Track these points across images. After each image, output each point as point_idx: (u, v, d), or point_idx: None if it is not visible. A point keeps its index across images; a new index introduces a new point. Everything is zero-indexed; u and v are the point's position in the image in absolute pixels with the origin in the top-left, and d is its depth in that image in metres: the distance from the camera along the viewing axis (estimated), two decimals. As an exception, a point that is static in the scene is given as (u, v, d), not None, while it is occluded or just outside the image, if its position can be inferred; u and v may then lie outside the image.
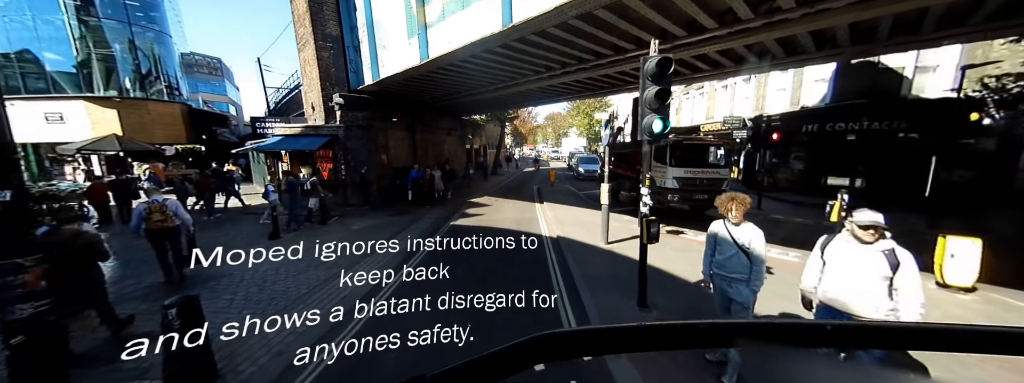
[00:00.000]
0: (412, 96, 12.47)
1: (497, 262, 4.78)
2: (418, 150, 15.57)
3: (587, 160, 21.67)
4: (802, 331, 0.44)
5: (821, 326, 0.44)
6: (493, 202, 12.60)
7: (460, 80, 10.33)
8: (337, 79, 11.07)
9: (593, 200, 12.90)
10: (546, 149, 67.26)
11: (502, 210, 10.93)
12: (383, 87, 10.61)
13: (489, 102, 15.02)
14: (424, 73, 9.27)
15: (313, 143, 10.43)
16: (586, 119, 42.27)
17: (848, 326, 0.46)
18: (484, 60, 8.23)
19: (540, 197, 13.37)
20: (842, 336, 0.44)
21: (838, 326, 0.44)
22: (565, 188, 16.26)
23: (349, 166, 11.12)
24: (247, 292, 4.47)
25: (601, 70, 9.02)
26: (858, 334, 0.45)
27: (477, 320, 1.92)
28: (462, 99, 13.09)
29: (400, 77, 9.47)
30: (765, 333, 0.44)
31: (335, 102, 10.51)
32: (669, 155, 9.29)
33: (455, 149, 21.23)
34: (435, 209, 10.96)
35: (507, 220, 9.28)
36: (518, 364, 0.43)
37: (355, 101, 10.91)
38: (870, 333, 0.46)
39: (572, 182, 19.35)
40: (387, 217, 9.72)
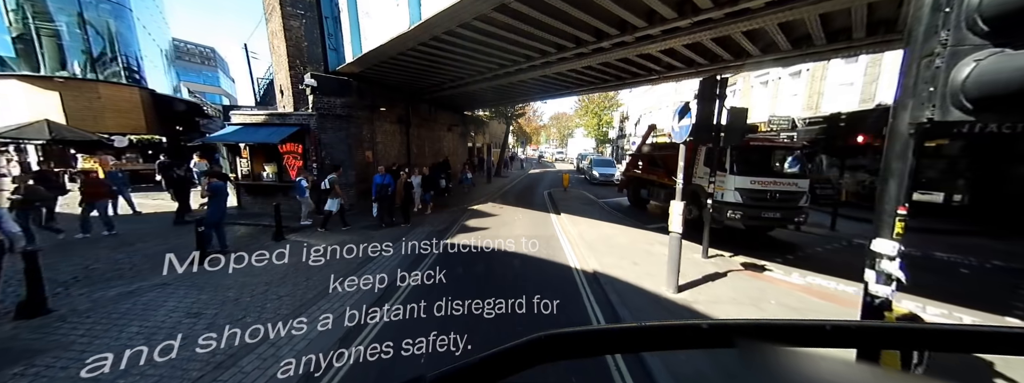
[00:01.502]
0: (404, 83, 10.36)
1: (508, 323, 2.71)
2: (413, 147, 13.45)
3: (602, 162, 19.51)
4: (802, 331, 0.45)
5: (821, 326, 0.44)
6: (499, 211, 10.49)
7: (455, 62, 8.24)
8: (311, 57, 8.96)
9: (617, 211, 10.79)
10: (550, 150, 65.27)
11: (510, 223, 8.81)
12: (368, 68, 8.51)
13: (490, 94, 12.91)
14: (416, 49, 7.18)
15: (275, 135, 8.30)
16: (595, 119, 40.19)
17: (848, 326, 0.45)
18: (481, 35, 6.43)
19: (554, 205, 11.25)
20: (842, 336, 0.44)
21: (838, 326, 0.44)
22: (580, 194, 14.15)
23: (322, 164, 9.00)
24: None
25: (605, 55, 7.18)
26: (858, 334, 0.45)
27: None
28: (460, 88, 10.98)
29: (388, 51, 7.36)
30: (765, 333, 0.45)
31: (305, 84, 8.39)
32: (730, 160, 7.18)
33: (456, 147, 19.11)
34: (419, 227, 8.73)
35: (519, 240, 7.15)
36: (518, 364, 0.42)
37: (331, 83, 8.79)
38: (870, 333, 0.46)
39: (584, 186, 17.25)
40: (361, 232, 7.59)
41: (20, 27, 11.79)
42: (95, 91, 12.82)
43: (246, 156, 9.34)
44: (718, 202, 7.28)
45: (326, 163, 9.14)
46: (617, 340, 0.46)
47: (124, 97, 13.50)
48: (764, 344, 0.43)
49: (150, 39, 18.29)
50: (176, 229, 7.66)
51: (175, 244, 6.33)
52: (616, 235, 7.34)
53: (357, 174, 9.66)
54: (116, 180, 8.32)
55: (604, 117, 40.02)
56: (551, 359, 0.44)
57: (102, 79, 13.30)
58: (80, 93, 12.49)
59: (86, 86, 12.61)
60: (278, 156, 9.23)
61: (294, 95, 8.90)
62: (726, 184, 7.17)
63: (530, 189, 16.75)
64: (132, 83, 14.31)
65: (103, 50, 13.73)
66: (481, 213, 10.17)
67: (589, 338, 0.47)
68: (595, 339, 0.47)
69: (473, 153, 22.55)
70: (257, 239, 7.10)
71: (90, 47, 13.14)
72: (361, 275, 2.03)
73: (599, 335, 0.48)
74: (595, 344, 0.47)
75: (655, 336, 0.45)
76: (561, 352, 0.44)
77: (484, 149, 25.62)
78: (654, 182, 10.15)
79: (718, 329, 0.45)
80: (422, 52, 7.53)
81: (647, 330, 0.46)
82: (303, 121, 8.80)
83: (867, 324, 0.52)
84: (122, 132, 13.11)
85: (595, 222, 8.64)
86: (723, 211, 7.14)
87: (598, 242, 6.75)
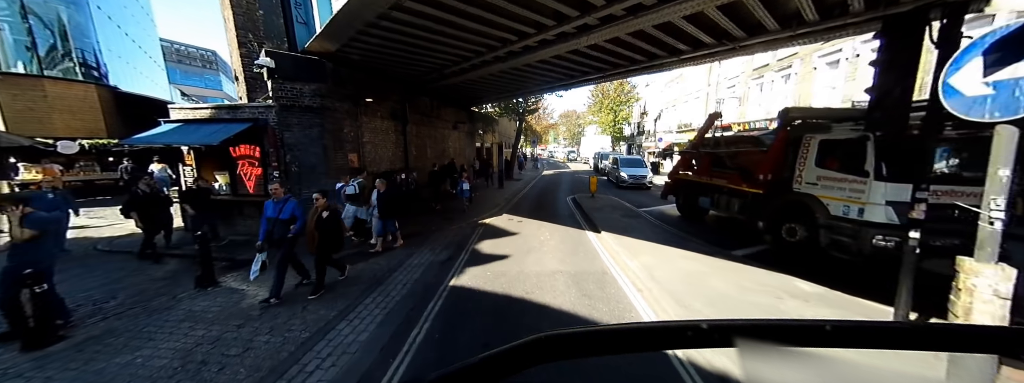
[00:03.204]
0: (395, 68, 8.14)
1: None
2: (412, 148, 11.25)
3: (630, 163, 17.00)
4: (802, 331, 0.45)
5: (821, 326, 0.44)
6: (518, 227, 8.19)
7: (447, 39, 5.96)
8: (270, 30, 6.78)
9: (670, 225, 8.35)
10: (560, 149, 62.75)
11: (537, 248, 6.50)
12: (347, 45, 6.30)
13: (497, 85, 10.62)
14: (399, 10, 4.94)
15: (218, 133, 6.11)
16: (610, 115, 37.63)
17: (848, 326, 0.45)
18: None
19: (587, 218, 8.89)
20: (842, 336, 0.44)
21: (838, 326, 0.44)
22: (611, 201, 11.76)
23: (287, 171, 6.82)
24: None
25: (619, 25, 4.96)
26: (858, 334, 0.45)
27: None
28: (462, 74, 8.69)
29: (362, 13, 5.12)
30: (765, 333, 0.45)
31: (258, 64, 6.21)
32: (874, 157, 4.79)
33: (462, 147, 16.88)
34: (397, 269, 6.51)
35: (553, 284, 4.82)
36: (518, 364, 0.42)
37: (297, 65, 6.61)
38: (870, 333, 0.45)
39: (611, 191, 14.85)
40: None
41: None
42: (40, 88, 10.98)
43: (191, 162, 7.21)
44: (851, 221, 4.88)
45: (292, 170, 6.95)
46: (617, 340, 0.45)
47: (76, 95, 11.62)
48: (764, 344, 0.44)
49: (121, 33, 16.48)
50: (133, 268, 5.53)
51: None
52: (703, 273, 4.95)
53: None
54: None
55: (621, 113, 37.43)
56: (551, 359, 0.43)
57: (46, 75, 11.37)
58: (20, 91, 10.64)
59: (27, 83, 10.77)
60: (232, 162, 7.10)
61: (247, 81, 6.74)
62: (870, 195, 4.75)
63: (549, 194, 14.41)
64: (91, 81, 12.44)
65: (54, 44, 11.85)
66: (494, 230, 7.88)
67: (589, 338, 0.45)
68: (595, 339, 0.45)
69: (481, 154, 20.29)
70: (176, 283, 4.93)
71: (33, 39, 11.25)
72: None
73: (599, 335, 0.46)
74: (595, 344, 0.45)
75: (656, 336, 0.45)
76: (561, 352, 0.44)
77: (494, 149, 23.36)
78: (721, 188, 7.73)
79: (718, 329, 0.45)
80: (405, 21, 5.31)
81: (647, 330, 0.46)
82: (258, 115, 6.63)
83: (867, 324, 0.45)
84: (73, 136, 11.21)
85: (656, 247, 6.26)
86: (863, 235, 4.73)
87: (681, 288, 4.37)
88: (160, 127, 6.73)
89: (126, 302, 4.34)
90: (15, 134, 9.55)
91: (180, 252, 6.12)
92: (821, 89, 12.78)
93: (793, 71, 14.24)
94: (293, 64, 6.63)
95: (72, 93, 11.67)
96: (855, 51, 11.26)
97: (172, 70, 42.80)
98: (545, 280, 4.85)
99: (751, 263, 5.40)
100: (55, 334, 3.34)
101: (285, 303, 4.19)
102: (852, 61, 11.43)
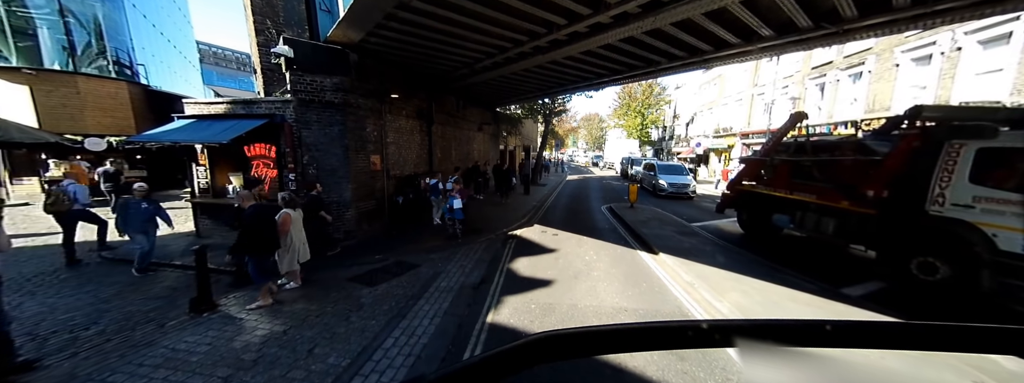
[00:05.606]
0: (421, 61, 7.33)
1: None
2: (437, 150, 10.47)
3: (670, 169, 15.55)
4: (802, 331, 0.44)
5: (821, 326, 0.44)
6: (553, 241, 7.15)
7: (473, 32, 5.03)
8: (290, 17, 6.12)
9: (735, 244, 7.00)
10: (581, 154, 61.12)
11: (583, 273, 5.44)
12: (371, 34, 5.53)
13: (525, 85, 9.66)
14: None
15: (228, 132, 5.44)
16: (637, 118, 35.98)
17: (848, 326, 0.45)
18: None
19: (636, 236, 7.72)
20: (842, 336, 0.44)
21: (838, 326, 0.44)
22: (655, 213, 10.52)
23: (304, 174, 6.09)
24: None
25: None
26: (858, 334, 0.44)
27: None
28: (491, 71, 7.76)
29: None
30: (766, 333, 0.45)
31: (276, 52, 5.51)
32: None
33: (487, 149, 16.04)
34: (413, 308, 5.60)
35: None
36: (518, 364, 0.42)
37: (318, 55, 5.89)
38: (870, 333, 0.45)
39: (648, 200, 13.55)
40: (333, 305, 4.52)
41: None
42: (74, 85, 11.00)
43: (204, 162, 6.63)
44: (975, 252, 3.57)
45: (310, 172, 6.22)
46: (618, 340, 0.45)
47: (108, 92, 11.61)
48: (765, 344, 0.44)
49: (156, 33, 16.74)
50: (130, 281, 4.97)
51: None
52: (814, 314, 3.74)
53: (358, 190, 6.71)
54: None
55: (649, 116, 35.69)
56: (551, 359, 0.43)
57: (81, 72, 11.38)
58: (55, 88, 10.66)
59: (62, 79, 10.80)
60: (247, 163, 6.47)
61: (264, 74, 6.09)
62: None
63: (579, 201, 13.28)
64: (123, 78, 12.45)
65: (89, 42, 11.89)
66: (528, 246, 6.87)
67: (589, 338, 0.45)
68: (595, 339, 0.45)
69: (505, 156, 19.39)
70: (172, 304, 4.21)
71: (70, 36, 11.29)
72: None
73: (599, 335, 0.45)
74: (595, 344, 0.45)
75: (656, 336, 0.45)
76: (561, 352, 0.43)
77: (517, 152, 22.42)
78: (807, 204, 6.40)
79: (718, 329, 0.44)
80: (427, 11, 4.44)
81: (648, 330, 0.45)
82: (275, 110, 5.94)
83: (867, 324, 0.45)
84: (102, 133, 11.14)
85: (739, 278, 5.05)
86: (997, 277, 3.41)
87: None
88: (171, 124, 6.17)
89: (107, 330, 3.63)
90: (43, 130, 9.43)
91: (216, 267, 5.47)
92: (906, 89, 11.03)
93: (866, 69, 12.50)
94: (314, 54, 5.92)
95: (104, 90, 11.64)
96: (955, 43, 9.55)
97: (208, 72, 44.58)
98: (608, 322, 3.79)
99: (877, 309, 4.13)
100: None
101: (287, 345, 3.34)
102: (950, 55, 9.70)
